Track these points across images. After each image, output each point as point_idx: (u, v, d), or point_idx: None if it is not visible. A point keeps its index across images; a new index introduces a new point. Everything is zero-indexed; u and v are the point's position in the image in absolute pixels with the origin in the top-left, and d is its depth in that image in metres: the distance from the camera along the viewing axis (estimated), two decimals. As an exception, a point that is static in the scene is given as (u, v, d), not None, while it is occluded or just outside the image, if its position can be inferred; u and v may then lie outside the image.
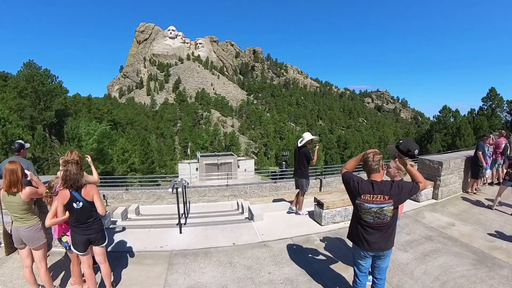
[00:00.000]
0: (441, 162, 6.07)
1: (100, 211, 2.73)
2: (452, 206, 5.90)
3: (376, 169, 2.34)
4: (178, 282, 3.27)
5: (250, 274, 3.45)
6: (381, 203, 2.27)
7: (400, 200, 2.31)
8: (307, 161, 5.46)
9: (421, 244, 4.22)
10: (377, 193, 2.28)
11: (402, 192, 2.29)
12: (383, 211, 2.28)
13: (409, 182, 2.38)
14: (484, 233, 4.59)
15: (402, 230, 4.72)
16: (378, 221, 2.32)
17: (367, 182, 2.36)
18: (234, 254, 3.98)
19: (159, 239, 4.50)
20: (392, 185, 2.31)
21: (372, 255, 2.49)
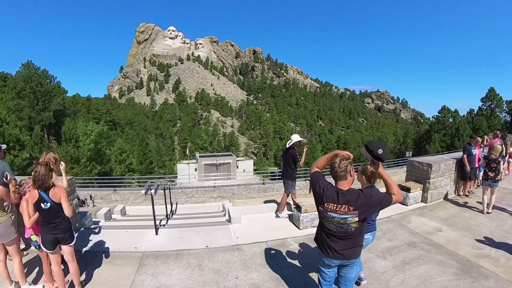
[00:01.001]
0: (430, 164, 5.87)
1: (67, 212, 2.80)
2: (442, 210, 5.70)
3: (342, 176, 2.12)
4: (144, 283, 3.28)
5: (217, 278, 3.39)
6: (344, 214, 2.07)
7: (366, 212, 2.09)
8: (294, 163, 5.44)
9: (403, 251, 4.02)
10: (341, 203, 2.07)
11: (370, 204, 2.07)
12: (346, 222, 2.08)
13: (381, 193, 2.15)
14: (473, 240, 4.38)
15: (384, 235, 4.53)
16: (341, 230, 2.13)
17: (333, 190, 2.14)
18: (205, 257, 3.93)
19: (134, 240, 4.48)
20: (360, 195, 2.08)
21: (337, 264, 2.31)
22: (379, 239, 4.33)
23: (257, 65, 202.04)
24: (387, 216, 5.34)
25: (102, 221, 6.43)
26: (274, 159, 73.92)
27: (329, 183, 2.22)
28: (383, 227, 4.83)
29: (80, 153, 33.92)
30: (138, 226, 5.42)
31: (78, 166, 32.63)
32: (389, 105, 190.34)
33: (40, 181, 2.70)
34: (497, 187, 5.73)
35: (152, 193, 4.98)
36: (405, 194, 5.87)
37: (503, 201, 6.56)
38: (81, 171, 31.38)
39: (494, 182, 5.69)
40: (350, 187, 2.15)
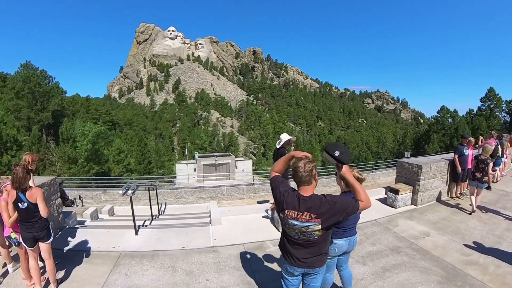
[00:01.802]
0: (420, 165, 5.65)
1: (42, 213, 2.94)
2: (432, 213, 5.49)
3: (307, 181, 1.94)
4: (117, 282, 3.33)
5: (188, 280, 3.37)
6: (306, 221, 1.91)
7: (330, 220, 1.92)
8: None
9: (385, 257, 3.81)
10: (302, 210, 1.91)
11: (334, 211, 1.90)
12: (308, 230, 1.93)
13: (347, 199, 1.98)
14: (461, 245, 4.17)
15: (368, 239, 4.33)
16: (304, 238, 1.98)
17: (294, 196, 1.97)
18: (180, 258, 3.91)
19: (114, 240, 4.51)
20: (323, 201, 1.91)
21: (301, 272, 2.15)
22: (362, 243, 4.15)
23: (257, 65, 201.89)
24: (373, 219, 5.16)
25: (88, 220, 6.44)
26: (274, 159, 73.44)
27: (291, 188, 2.05)
28: (367, 231, 4.65)
29: (77, 153, 33.87)
30: (121, 226, 5.40)
31: (76, 166, 32.58)
32: (389, 105, 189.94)
33: (18, 183, 2.85)
34: (483, 188, 5.57)
35: (129, 193, 4.94)
36: (393, 196, 5.68)
37: (497, 203, 6.37)
38: (78, 171, 31.29)
39: (480, 182, 5.54)
40: (313, 193, 1.98)
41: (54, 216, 4.55)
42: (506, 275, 3.39)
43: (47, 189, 4.35)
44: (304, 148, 60.31)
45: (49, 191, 4.40)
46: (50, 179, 4.51)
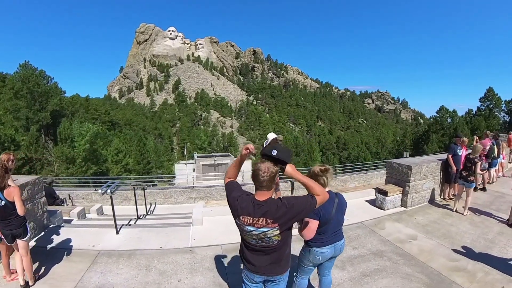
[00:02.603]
0: (410, 166, 5.45)
1: (19, 211, 2.99)
2: (422, 215, 5.28)
3: (267, 186, 1.81)
4: (91, 280, 3.37)
5: (160, 280, 3.37)
6: (263, 227, 1.79)
7: (288, 223, 1.80)
8: None
9: (366, 262, 3.62)
10: (258, 215, 1.79)
11: (292, 214, 1.78)
12: (266, 235, 1.81)
13: (303, 198, 1.84)
14: (449, 250, 3.96)
15: (351, 242, 4.14)
16: (262, 244, 1.86)
17: (249, 201, 1.84)
18: (156, 258, 3.90)
19: (96, 238, 4.55)
20: (279, 205, 1.79)
21: (261, 280, 2.02)
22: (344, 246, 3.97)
23: (257, 66, 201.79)
24: (359, 221, 4.97)
25: (75, 219, 6.49)
26: (266, 159, 73.08)
27: (245, 192, 1.92)
28: (351, 233, 4.46)
29: (75, 153, 33.84)
30: (105, 225, 5.44)
31: (74, 166, 32.52)
32: (389, 105, 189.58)
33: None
34: (471, 188, 5.38)
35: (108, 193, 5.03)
36: (382, 198, 5.49)
37: (491, 205, 6.16)
38: (76, 171, 31.21)
39: (466, 182, 5.36)
40: (270, 197, 1.84)
41: (38, 214, 4.62)
42: (495, 283, 3.19)
43: (31, 188, 4.39)
44: (304, 148, 60.07)
45: (33, 190, 4.44)
46: (34, 178, 4.54)
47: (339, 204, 2.37)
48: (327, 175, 2.34)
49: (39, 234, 4.53)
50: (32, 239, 4.27)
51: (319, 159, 53.86)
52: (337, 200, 2.36)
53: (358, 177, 10.01)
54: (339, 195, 2.46)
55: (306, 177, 1.90)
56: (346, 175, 10.29)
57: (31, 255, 3.22)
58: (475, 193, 7.12)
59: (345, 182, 9.45)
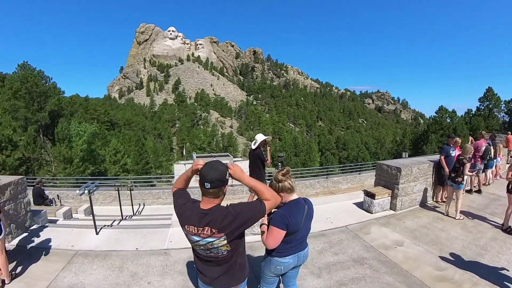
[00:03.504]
0: (399, 168, 5.20)
1: None
2: (411, 219, 5.04)
3: (213, 193, 1.64)
4: (64, 280, 3.39)
5: (130, 282, 3.36)
6: (208, 237, 1.65)
7: (236, 232, 1.65)
8: (261, 163, 5.21)
9: (345, 269, 3.39)
10: (203, 224, 1.65)
11: (239, 223, 1.63)
12: (213, 246, 1.68)
13: (252, 204, 1.70)
14: (437, 257, 3.72)
15: (331, 248, 3.91)
16: (211, 255, 1.72)
17: (194, 209, 1.70)
18: (130, 259, 3.90)
19: (75, 238, 4.59)
20: (224, 214, 1.65)
21: None
22: (323, 252, 3.76)
23: (257, 66, 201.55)
24: (344, 225, 4.74)
25: (60, 219, 6.49)
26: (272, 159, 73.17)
27: (191, 200, 1.78)
28: (333, 238, 4.24)
29: (72, 153, 33.76)
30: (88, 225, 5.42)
31: (71, 166, 32.43)
32: (389, 105, 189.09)
33: None
34: (460, 190, 5.14)
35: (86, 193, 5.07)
36: (369, 201, 5.26)
37: (486, 208, 5.93)
38: (73, 171, 31.10)
39: (454, 183, 5.13)
40: (215, 204, 1.68)
41: (21, 214, 4.69)
42: (482, 295, 2.98)
43: (14, 188, 4.44)
44: (303, 148, 59.78)
45: (16, 190, 4.50)
46: (18, 179, 4.56)
47: (308, 212, 2.18)
48: (291, 179, 2.14)
49: (21, 234, 4.56)
50: (14, 239, 4.36)
51: (318, 159, 53.60)
52: (306, 208, 2.17)
53: (351, 178, 9.77)
54: (308, 201, 2.25)
55: (255, 180, 1.75)
56: (338, 176, 10.05)
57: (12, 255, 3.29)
58: (470, 196, 6.89)
59: (337, 184, 9.22)
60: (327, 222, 4.89)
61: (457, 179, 5.14)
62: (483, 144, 7.30)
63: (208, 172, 1.60)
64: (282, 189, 2.09)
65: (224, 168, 1.63)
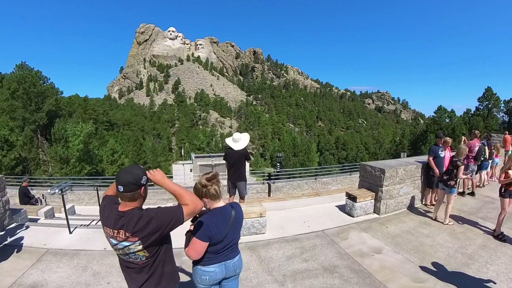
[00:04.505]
0: (383, 169, 4.85)
1: None
2: (395, 224, 4.70)
3: (128, 196, 1.60)
4: (30, 277, 3.45)
5: (91, 281, 3.38)
6: (123, 241, 1.61)
7: (151, 238, 1.59)
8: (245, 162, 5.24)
9: (313, 278, 3.10)
10: (117, 227, 1.62)
11: (153, 228, 1.57)
12: (130, 251, 1.62)
13: (168, 208, 1.66)
14: (417, 267, 3.38)
15: (302, 254, 3.61)
16: (130, 260, 1.67)
17: (112, 211, 1.67)
18: (96, 259, 3.91)
19: (49, 237, 4.62)
20: (139, 217, 1.60)
21: None
22: (293, 258, 3.47)
23: (257, 66, 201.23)
24: (321, 229, 4.42)
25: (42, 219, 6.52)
26: (271, 159, 73.09)
27: (113, 201, 1.76)
28: (307, 243, 3.93)
29: (69, 153, 33.74)
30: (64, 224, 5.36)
31: (68, 166, 32.35)
32: (389, 105, 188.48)
33: None
34: (452, 194, 4.79)
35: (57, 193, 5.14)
36: (351, 204, 4.93)
37: (479, 212, 5.59)
38: (70, 171, 31.01)
39: (446, 186, 4.78)
40: (133, 208, 1.62)
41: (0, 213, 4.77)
42: (464, 313, 2.65)
43: None
44: (302, 149, 59.43)
45: None
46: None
47: (236, 219, 2.03)
48: (218, 184, 2.00)
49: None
50: None
51: (316, 160, 53.23)
52: (233, 215, 2.02)
53: (342, 179, 9.44)
54: (237, 207, 2.11)
55: (175, 184, 1.68)
56: (328, 177, 9.71)
57: None
58: (463, 198, 6.55)
59: (326, 185, 8.88)
60: (303, 226, 4.60)
61: (450, 183, 4.80)
62: (476, 144, 6.97)
63: (121, 175, 1.59)
64: (205, 194, 1.97)
65: (139, 172, 1.60)
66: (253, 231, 4.24)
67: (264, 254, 3.75)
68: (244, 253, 3.80)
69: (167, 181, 1.67)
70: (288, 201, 6.35)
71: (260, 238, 4.19)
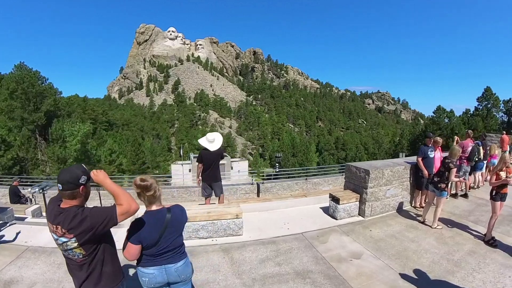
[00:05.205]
0: (367, 170, 4.62)
1: None
2: (380, 228, 4.47)
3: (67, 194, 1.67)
4: (8, 273, 3.51)
5: (63, 278, 3.36)
6: (61, 236, 1.67)
7: (85, 236, 1.62)
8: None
9: (283, 283, 2.92)
10: (56, 223, 1.69)
11: (85, 224, 1.61)
12: (68, 247, 1.68)
13: (102, 208, 1.71)
14: (397, 274, 3.15)
15: (276, 257, 3.42)
16: (70, 256, 1.73)
17: (54, 206, 1.74)
18: None
19: (32, 235, 4.66)
20: (74, 215, 1.65)
21: None
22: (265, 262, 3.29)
23: (257, 66, 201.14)
24: (300, 232, 4.22)
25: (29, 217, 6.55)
26: (270, 160, 72.94)
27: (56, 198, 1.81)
28: (283, 246, 3.74)
29: (66, 153, 33.79)
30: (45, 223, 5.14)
31: (65, 166, 32.41)
32: (389, 106, 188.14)
33: None
34: (443, 198, 4.55)
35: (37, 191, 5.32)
36: (334, 206, 4.72)
37: (470, 215, 5.34)
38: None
39: (436, 189, 4.55)
40: (72, 205, 1.67)
41: None
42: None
43: None
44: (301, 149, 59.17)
45: None
46: None
47: (171, 223, 1.97)
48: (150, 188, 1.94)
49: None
50: None
51: (315, 160, 52.98)
52: (168, 218, 1.96)
53: (334, 179, 9.21)
54: (175, 210, 2.04)
55: (115, 185, 1.71)
56: (319, 177, 9.49)
57: None
58: (455, 200, 6.32)
59: (317, 185, 8.66)
60: (283, 228, 4.40)
61: (440, 185, 4.55)
62: (469, 144, 6.74)
63: (60, 174, 1.66)
64: (139, 196, 1.98)
65: (78, 172, 1.66)
66: (229, 232, 4.09)
67: (237, 257, 3.60)
68: (217, 255, 3.66)
69: (108, 181, 1.70)
70: (273, 202, 6.15)
71: (236, 240, 4.05)
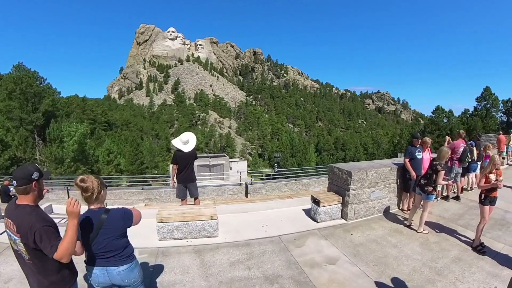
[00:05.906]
0: (349, 171, 4.42)
1: None
2: (362, 231, 4.27)
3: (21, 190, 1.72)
4: None
5: None
6: (12, 233, 1.74)
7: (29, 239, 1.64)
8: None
9: (249, 287, 2.81)
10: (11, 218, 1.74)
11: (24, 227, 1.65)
12: (17, 245, 1.74)
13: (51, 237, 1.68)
14: (372, 282, 2.95)
15: (247, 261, 3.28)
16: (20, 253, 1.78)
17: (12, 202, 1.80)
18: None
19: None
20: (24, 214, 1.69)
21: None
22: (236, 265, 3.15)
23: (257, 66, 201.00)
24: (276, 234, 4.05)
25: None
26: (269, 160, 72.84)
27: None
28: (257, 249, 3.59)
29: (64, 153, 33.83)
30: None
31: (62, 166, 32.37)
32: (389, 106, 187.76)
33: None
34: (429, 201, 4.33)
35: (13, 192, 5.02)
36: (315, 208, 4.54)
37: (460, 219, 5.12)
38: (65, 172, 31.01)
39: (423, 192, 4.35)
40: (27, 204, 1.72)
41: None
42: None
43: None
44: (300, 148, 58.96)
45: None
46: None
47: (107, 224, 1.92)
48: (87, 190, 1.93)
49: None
50: None
51: (314, 160, 52.79)
52: (102, 219, 1.91)
53: (324, 180, 9.03)
54: (114, 212, 1.99)
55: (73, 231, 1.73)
56: (309, 178, 9.30)
57: None
58: (446, 203, 6.11)
59: (308, 186, 8.48)
60: (260, 230, 4.24)
61: (427, 188, 4.33)
62: (460, 145, 6.53)
63: (14, 171, 1.73)
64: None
65: (30, 168, 1.74)
66: (204, 234, 3.97)
67: (208, 259, 3.48)
68: (188, 256, 3.56)
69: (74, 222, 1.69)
70: (257, 203, 5.99)
71: (210, 241, 3.94)
